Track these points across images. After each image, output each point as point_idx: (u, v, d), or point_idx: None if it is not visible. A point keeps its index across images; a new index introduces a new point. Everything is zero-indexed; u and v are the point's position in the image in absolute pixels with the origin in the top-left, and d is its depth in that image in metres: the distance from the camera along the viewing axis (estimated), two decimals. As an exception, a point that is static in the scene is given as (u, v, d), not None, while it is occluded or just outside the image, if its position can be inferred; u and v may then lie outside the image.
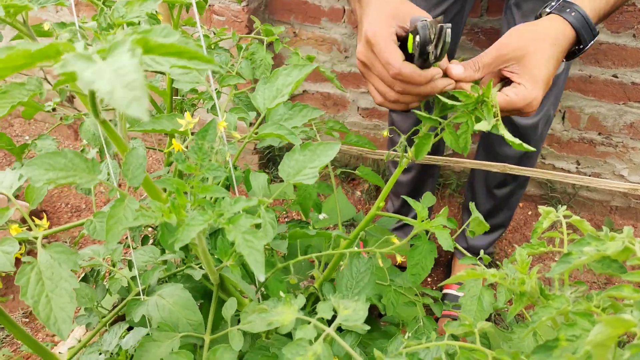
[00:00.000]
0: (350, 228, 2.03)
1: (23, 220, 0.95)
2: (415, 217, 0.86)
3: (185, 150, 0.62)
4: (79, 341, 1.32)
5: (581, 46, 0.87)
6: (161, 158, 2.46)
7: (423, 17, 0.77)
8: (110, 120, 0.94)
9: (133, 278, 0.86)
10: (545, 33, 0.83)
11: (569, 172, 2.03)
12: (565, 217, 0.66)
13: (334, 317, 0.62)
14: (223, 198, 0.55)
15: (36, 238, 0.61)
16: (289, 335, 0.94)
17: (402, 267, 1.78)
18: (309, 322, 0.59)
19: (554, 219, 0.67)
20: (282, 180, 0.71)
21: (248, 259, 0.48)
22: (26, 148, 0.85)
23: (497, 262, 1.43)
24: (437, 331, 1.07)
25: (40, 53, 0.34)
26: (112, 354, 1.04)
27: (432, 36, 0.73)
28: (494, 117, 0.71)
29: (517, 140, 0.73)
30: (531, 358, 0.52)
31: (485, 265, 0.85)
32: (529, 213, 2.15)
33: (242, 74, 0.93)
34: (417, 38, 0.73)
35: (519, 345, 0.76)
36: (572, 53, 0.89)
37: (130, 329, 1.12)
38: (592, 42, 0.87)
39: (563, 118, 1.91)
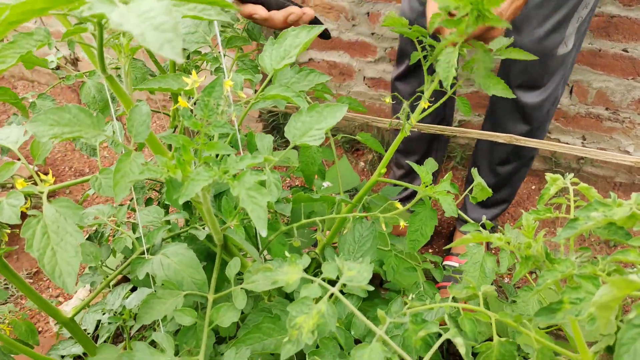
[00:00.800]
0: (353, 197, 2.03)
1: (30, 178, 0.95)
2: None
3: (192, 107, 0.61)
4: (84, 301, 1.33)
5: None
6: (166, 124, 2.45)
7: None
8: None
9: (138, 239, 0.87)
10: None
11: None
12: (572, 184, 0.65)
13: (336, 281, 0.62)
14: (229, 155, 0.55)
15: (42, 192, 0.61)
16: (290, 298, 0.95)
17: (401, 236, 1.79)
18: (313, 282, 0.60)
19: (561, 185, 0.67)
20: (286, 148, 0.71)
21: (251, 214, 0.48)
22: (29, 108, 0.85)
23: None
24: (436, 295, 1.08)
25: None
26: (115, 313, 1.05)
27: None
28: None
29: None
30: (534, 319, 0.53)
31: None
32: (532, 187, 2.14)
33: (252, 36, 0.91)
34: None
35: (524, 309, 0.77)
36: None
37: (134, 290, 1.13)
38: None
39: (571, 92, 1.89)
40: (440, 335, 0.58)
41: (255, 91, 0.82)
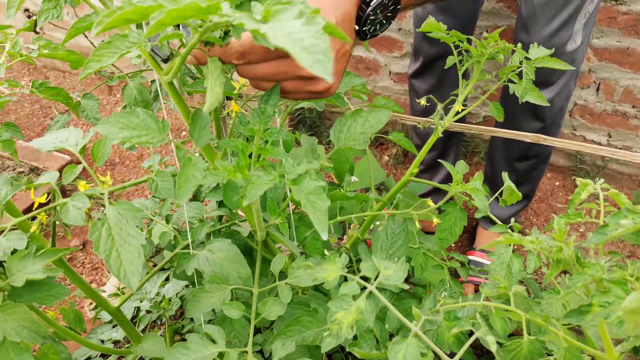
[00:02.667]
0: (379, 192, 2.06)
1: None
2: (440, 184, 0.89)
3: (244, 112, 0.65)
4: (118, 289, 1.39)
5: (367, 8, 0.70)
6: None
7: None
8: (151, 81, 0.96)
9: (180, 233, 0.91)
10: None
11: (599, 144, 2.02)
12: (602, 189, 0.68)
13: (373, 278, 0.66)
14: (286, 160, 0.59)
15: (102, 194, 0.65)
16: (321, 291, 0.98)
17: (429, 233, 1.82)
18: (351, 279, 0.63)
19: (591, 191, 0.69)
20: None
21: (313, 219, 0.51)
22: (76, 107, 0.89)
23: (525, 232, 1.46)
24: (462, 294, 1.11)
25: (207, 9, 0.38)
26: (154, 301, 1.11)
27: None
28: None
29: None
30: (563, 320, 0.56)
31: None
32: (556, 184, 2.15)
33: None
34: None
35: (548, 310, 0.80)
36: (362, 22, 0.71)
37: (168, 278, 1.18)
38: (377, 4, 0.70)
39: (597, 90, 1.89)
40: (471, 332, 0.61)
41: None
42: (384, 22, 0.71)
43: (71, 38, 0.64)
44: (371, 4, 0.67)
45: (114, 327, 1.15)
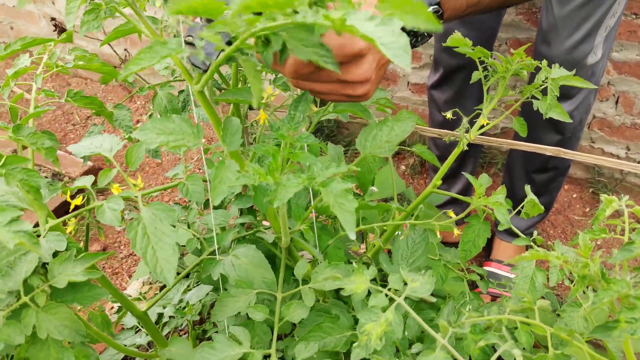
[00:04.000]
0: (399, 202, 2.07)
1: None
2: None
3: (271, 120, 0.67)
4: (140, 293, 1.41)
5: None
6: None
7: None
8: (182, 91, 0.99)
9: (206, 240, 0.93)
10: None
11: (618, 157, 2.02)
12: (627, 206, 0.69)
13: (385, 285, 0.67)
14: (315, 164, 0.60)
15: (136, 197, 0.67)
16: (341, 299, 1.00)
17: (446, 243, 1.82)
18: (381, 292, 0.65)
19: (615, 207, 0.70)
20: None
21: (341, 218, 0.53)
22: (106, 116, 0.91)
23: (545, 244, 1.46)
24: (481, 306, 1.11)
25: (278, 2, 0.39)
26: (178, 307, 1.12)
27: None
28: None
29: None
30: (590, 335, 0.57)
31: (537, 246, 0.89)
32: (574, 196, 2.15)
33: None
34: None
35: (570, 324, 0.80)
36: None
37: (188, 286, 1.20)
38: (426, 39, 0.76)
39: (616, 103, 1.89)
40: (494, 345, 0.62)
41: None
42: (426, 35, 0.73)
43: (112, 40, 0.66)
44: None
45: (136, 332, 1.17)
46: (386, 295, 0.65)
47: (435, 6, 0.75)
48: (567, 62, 1.36)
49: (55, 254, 0.64)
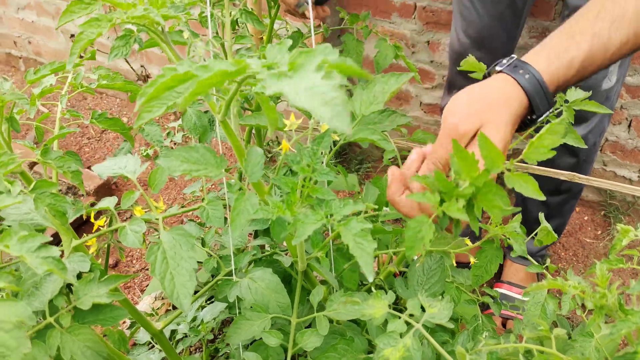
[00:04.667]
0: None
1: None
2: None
3: (293, 150, 0.68)
4: (152, 309, 1.42)
5: (534, 116, 0.75)
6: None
7: None
8: (206, 112, 1.01)
9: (221, 258, 0.94)
10: (497, 96, 0.71)
11: (630, 180, 2.02)
12: (644, 236, 0.69)
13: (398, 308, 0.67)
14: (333, 200, 0.61)
15: (157, 220, 0.68)
16: (357, 322, 1.00)
17: (458, 263, 1.82)
18: (399, 317, 0.65)
19: (632, 237, 0.70)
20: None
21: (359, 260, 0.54)
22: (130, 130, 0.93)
23: (557, 267, 1.45)
24: (494, 330, 1.11)
25: (235, 72, 0.40)
26: (192, 325, 1.13)
27: None
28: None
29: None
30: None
31: (549, 273, 0.89)
32: (585, 218, 2.14)
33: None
34: None
35: (581, 350, 0.80)
36: (524, 124, 0.77)
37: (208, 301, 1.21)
38: (548, 112, 0.75)
39: (629, 126, 1.89)
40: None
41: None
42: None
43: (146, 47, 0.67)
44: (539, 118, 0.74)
45: (149, 349, 1.18)
46: (405, 321, 0.66)
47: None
48: (582, 87, 1.36)
49: (79, 275, 0.65)
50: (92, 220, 0.74)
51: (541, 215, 0.94)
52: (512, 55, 0.76)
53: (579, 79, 0.76)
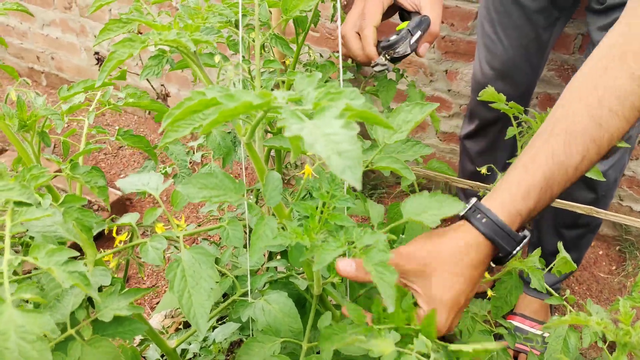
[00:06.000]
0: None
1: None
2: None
3: (315, 176, 0.69)
4: (162, 327, 1.42)
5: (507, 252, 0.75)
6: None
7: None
8: (229, 132, 1.01)
9: (237, 277, 0.94)
10: (450, 248, 0.72)
11: (646, 216, 2.00)
12: (668, 274, 0.68)
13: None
14: (352, 227, 0.61)
15: (178, 237, 0.68)
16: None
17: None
18: (410, 355, 0.64)
19: (655, 274, 0.70)
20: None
21: (380, 289, 0.53)
22: (156, 148, 0.94)
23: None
24: (510, 363, 1.10)
25: (260, 105, 0.41)
26: (204, 345, 1.13)
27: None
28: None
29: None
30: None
31: (569, 305, 0.88)
32: (600, 253, 2.12)
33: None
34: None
35: (605, 390, 0.79)
36: (498, 259, 0.77)
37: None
38: (520, 246, 0.74)
39: (647, 162, 1.88)
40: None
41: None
42: None
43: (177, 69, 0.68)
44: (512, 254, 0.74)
45: (160, 365, 1.18)
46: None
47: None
48: None
49: (100, 288, 0.65)
50: (114, 235, 0.75)
51: (560, 245, 0.93)
52: (475, 198, 0.76)
53: (548, 202, 0.77)
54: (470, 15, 1.83)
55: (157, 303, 1.66)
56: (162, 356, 1.24)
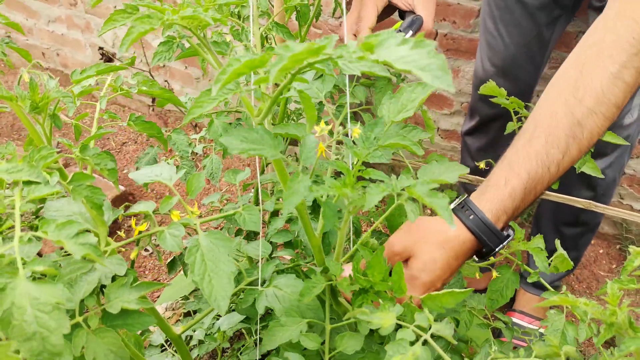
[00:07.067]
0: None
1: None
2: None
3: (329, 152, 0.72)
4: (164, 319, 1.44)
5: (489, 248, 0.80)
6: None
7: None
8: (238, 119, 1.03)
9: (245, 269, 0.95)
10: (435, 234, 0.78)
11: (645, 215, 2.01)
12: (657, 259, 0.71)
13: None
14: (386, 179, 0.67)
15: (195, 224, 0.70)
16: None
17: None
18: (408, 327, 0.67)
19: (644, 260, 0.72)
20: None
21: (439, 211, 0.60)
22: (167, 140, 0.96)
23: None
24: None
25: (318, 49, 0.43)
26: (209, 332, 1.15)
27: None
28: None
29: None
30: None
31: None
32: (600, 251, 2.14)
33: (356, 95, 1.02)
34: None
35: (597, 376, 0.81)
36: (480, 254, 0.83)
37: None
38: (504, 243, 0.80)
39: (646, 160, 1.90)
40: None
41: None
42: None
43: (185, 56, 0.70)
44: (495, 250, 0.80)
45: (162, 351, 1.20)
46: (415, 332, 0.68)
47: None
48: None
49: (114, 278, 0.66)
50: (133, 226, 0.76)
51: (557, 242, 0.95)
52: (464, 194, 0.82)
53: (532, 200, 0.81)
54: (472, 13, 1.85)
55: (159, 297, 1.68)
56: (166, 341, 1.27)
